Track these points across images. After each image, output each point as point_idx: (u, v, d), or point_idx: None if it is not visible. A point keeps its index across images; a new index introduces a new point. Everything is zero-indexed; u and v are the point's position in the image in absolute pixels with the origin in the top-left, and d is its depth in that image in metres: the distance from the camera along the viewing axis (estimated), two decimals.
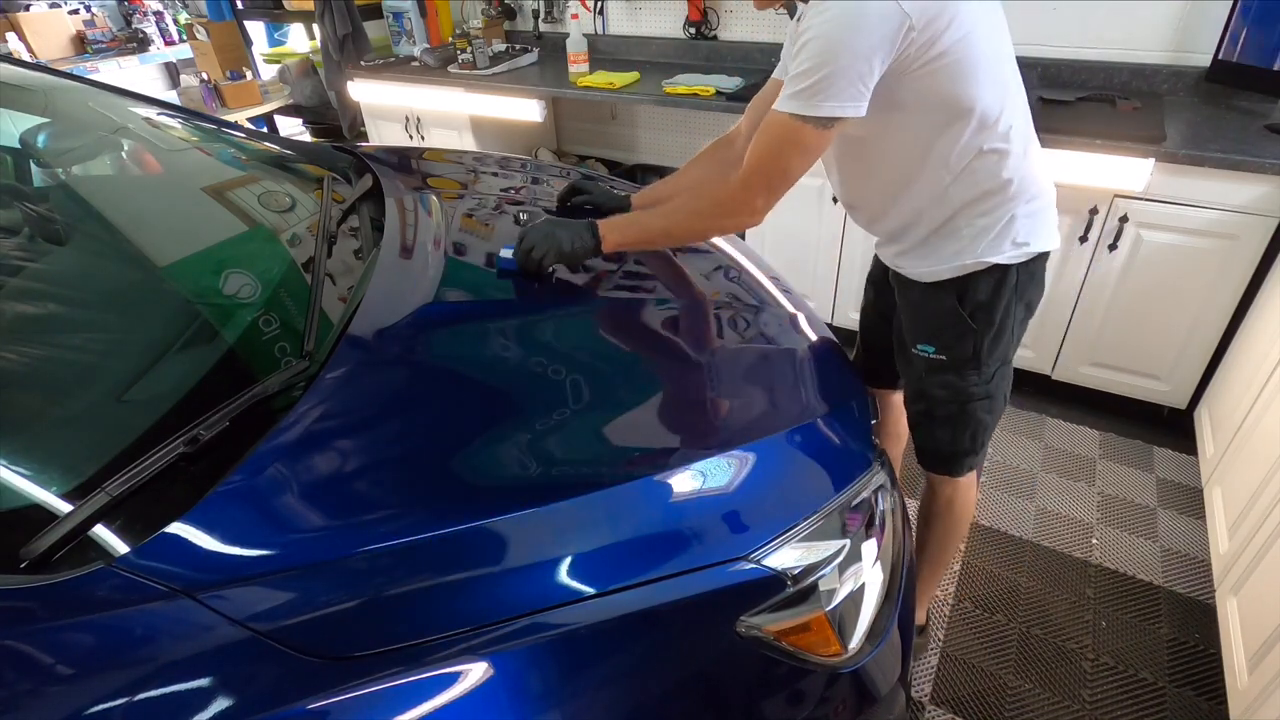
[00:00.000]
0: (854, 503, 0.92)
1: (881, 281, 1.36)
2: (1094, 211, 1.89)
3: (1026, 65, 1.09)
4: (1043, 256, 1.14)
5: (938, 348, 1.19)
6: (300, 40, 4.40)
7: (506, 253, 1.16)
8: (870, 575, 0.90)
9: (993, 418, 1.24)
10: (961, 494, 1.34)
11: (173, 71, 4.64)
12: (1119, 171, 1.79)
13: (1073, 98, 2.08)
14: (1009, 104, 1.03)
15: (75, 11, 4.29)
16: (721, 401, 1.01)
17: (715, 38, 2.83)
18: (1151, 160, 1.74)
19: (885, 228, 1.19)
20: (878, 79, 0.93)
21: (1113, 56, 2.19)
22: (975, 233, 1.09)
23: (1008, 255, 1.10)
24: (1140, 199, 1.83)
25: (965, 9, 0.93)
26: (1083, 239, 1.93)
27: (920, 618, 1.55)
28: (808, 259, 2.45)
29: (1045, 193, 1.12)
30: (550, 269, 1.16)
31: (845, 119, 0.94)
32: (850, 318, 2.46)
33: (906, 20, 0.88)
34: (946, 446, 1.27)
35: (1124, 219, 1.86)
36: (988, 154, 1.03)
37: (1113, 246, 1.91)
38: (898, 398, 1.47)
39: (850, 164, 1.15)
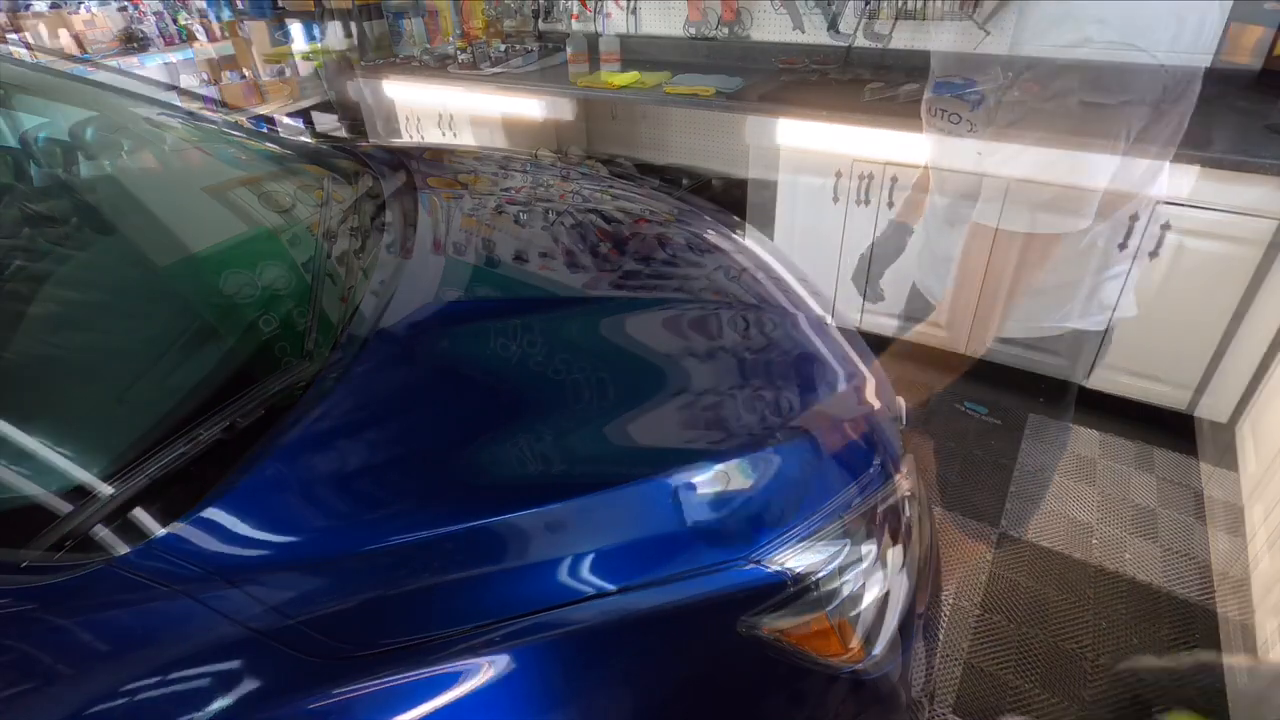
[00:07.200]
0: (867, 506, 0.92)
1: None
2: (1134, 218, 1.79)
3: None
4: None
5: None
6: (337, 38, 4.51)
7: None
8: (872, 577, 0.90)
9: None
10: None
11: (215, 67, 4.75)
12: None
13: None
14: None
15: (124, 8, 4.37)
16: (735, 403, 1.00)
17: (748, 37, 2.84)
18: (1197, 167, 1.68)
19: None
20: None
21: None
22: None
23: None
24: (1178, 205, 1.74)
25: None
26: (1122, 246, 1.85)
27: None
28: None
29: None
30: None
31: None
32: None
33: None
34: None
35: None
36: None
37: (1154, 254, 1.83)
38: None
39: None
